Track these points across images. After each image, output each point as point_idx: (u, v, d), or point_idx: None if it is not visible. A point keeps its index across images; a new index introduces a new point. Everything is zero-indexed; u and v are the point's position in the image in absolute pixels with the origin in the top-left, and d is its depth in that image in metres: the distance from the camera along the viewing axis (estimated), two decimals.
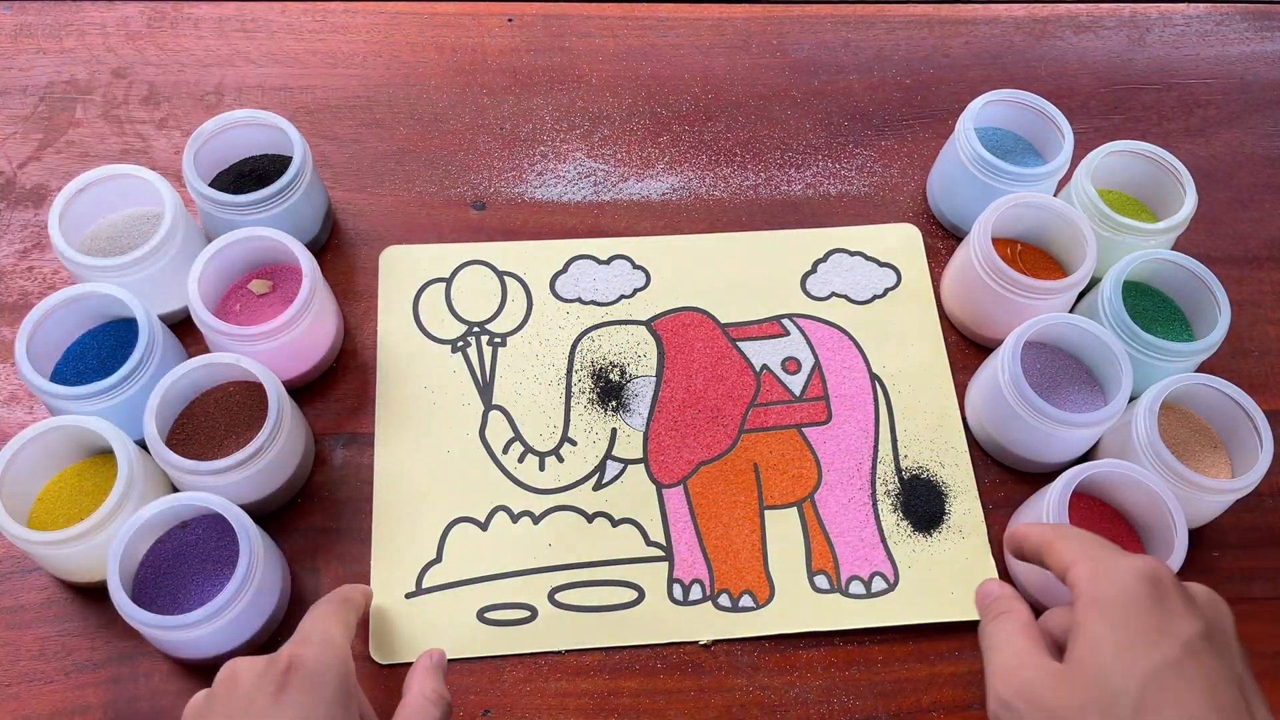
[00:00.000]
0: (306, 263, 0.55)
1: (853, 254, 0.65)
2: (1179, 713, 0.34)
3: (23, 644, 0.52)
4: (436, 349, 0.61)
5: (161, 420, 0.52)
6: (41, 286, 0.61)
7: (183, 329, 0.59)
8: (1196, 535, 0.57)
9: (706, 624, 0.54)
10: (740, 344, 0.62)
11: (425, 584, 0.55)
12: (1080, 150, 0.64)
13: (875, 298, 0.64)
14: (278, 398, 0.52)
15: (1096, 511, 0.55)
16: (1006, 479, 0.59)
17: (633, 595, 0.55)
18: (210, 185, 0.59)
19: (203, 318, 0.54)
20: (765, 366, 0.61)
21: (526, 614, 0.54)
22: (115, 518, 0.49)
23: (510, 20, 0.74)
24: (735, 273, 0.64)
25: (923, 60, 0.74)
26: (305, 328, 0.55)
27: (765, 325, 0.63)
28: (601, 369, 0.60)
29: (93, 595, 0.53)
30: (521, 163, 0.68)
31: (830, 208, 0.68)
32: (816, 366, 0.61)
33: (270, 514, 0.55)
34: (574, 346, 0.61)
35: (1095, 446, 0.59)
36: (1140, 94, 0.74)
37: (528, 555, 0.56)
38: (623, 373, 0.60)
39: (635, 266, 0.64)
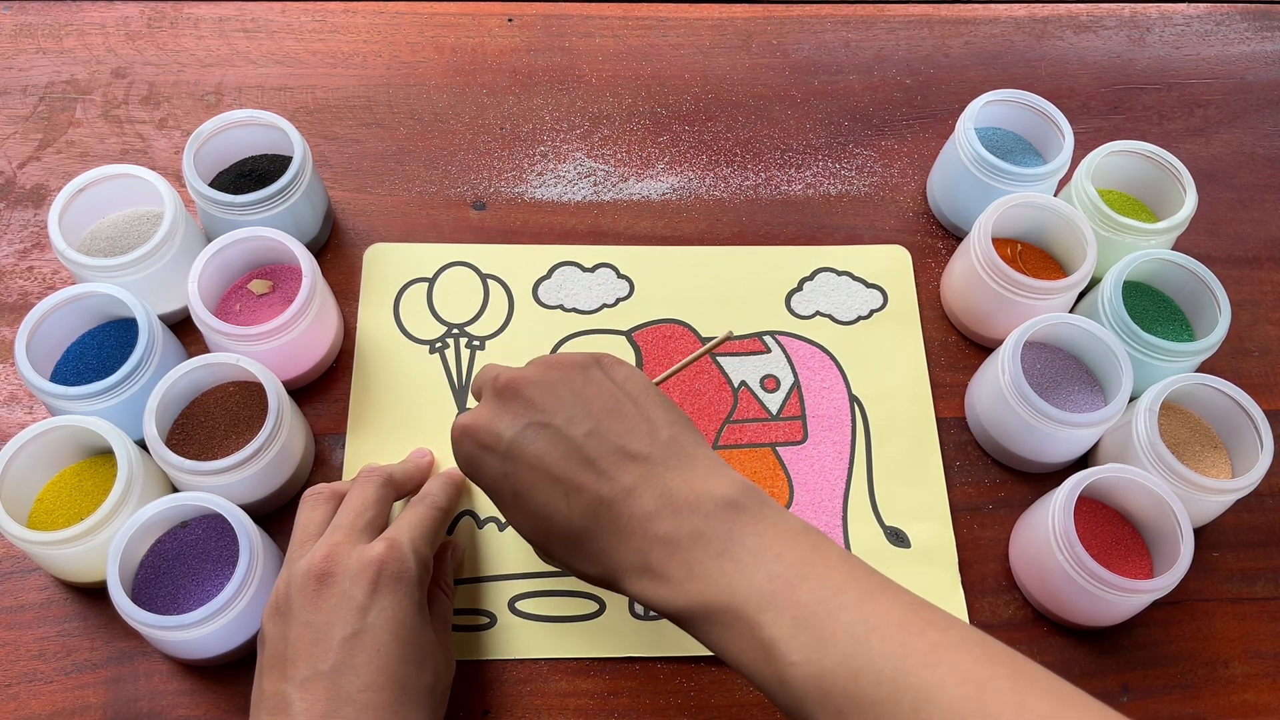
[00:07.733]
0: (306, 263, 0.55)
1: (840, 273, 0.65)
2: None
3: (23, 644, 0.52)
4: (415, 349, 0.61)
5: (161, 420, 0.52)
6: (41, 286, 0.61)
7: (183, 329, 0.59)
8: (1197, 535, 0.57)
9: (666, 640, 0.54)
10: (720, 359, 0.61)
11: None
12: (1080, 150, 0.64)
13: (860, 319, 0.63)
14: (278, 398, 0.52)
15: (1101, 516, 0.55)
16: (1006, 479, 0.59)
17: (594, 607, 0.54)
18: (210, 185, 0.59)
19: (203, 318, 0.54)
20: (744, 383, 0.61)
21: (485, 620, 0.54)
22: (115, 518, 0.49)
23: (510, 20, 0.74)
24: (719, 287, 0.64)
25: (923, 60, 0.74)
26: (305, 328, 0.55)
27: (747, 341, 0.62)
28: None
29: (93, 595, 0.53)
30: (521, 163, 0.68)
31: (830, 208, 0.68)
32: (796, 385, 0.61)
33: (270, 514, 0.55)
34: (552, 353, 0.61)
35: (1095, 447, 0.59)
36: (1140, 94, 0.74)
37: (490, 562, 0.55)
38: None
39: (620, 275, 0.64)
